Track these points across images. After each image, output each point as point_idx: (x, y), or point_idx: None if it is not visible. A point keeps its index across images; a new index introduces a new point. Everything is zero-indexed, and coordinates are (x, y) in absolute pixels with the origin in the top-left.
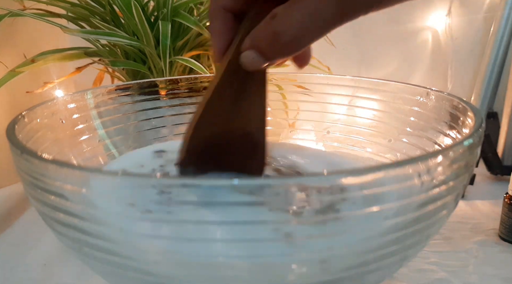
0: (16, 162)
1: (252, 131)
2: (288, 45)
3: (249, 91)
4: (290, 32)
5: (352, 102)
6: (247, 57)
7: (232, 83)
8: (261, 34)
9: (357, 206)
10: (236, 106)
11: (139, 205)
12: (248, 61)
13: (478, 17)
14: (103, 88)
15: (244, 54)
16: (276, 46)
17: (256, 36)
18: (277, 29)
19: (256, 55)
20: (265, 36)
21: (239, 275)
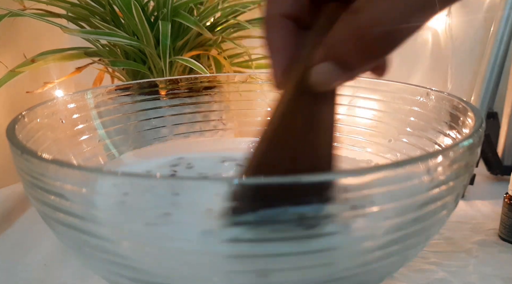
0: (16, 162)
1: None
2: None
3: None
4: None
5: (352, 102)
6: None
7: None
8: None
9: (357, 206)
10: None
11: (139, 205)
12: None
13: (478, 17)
14: (103, 88)
15: (317, 68)
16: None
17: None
18: (362, 24)
19: (334, 66)
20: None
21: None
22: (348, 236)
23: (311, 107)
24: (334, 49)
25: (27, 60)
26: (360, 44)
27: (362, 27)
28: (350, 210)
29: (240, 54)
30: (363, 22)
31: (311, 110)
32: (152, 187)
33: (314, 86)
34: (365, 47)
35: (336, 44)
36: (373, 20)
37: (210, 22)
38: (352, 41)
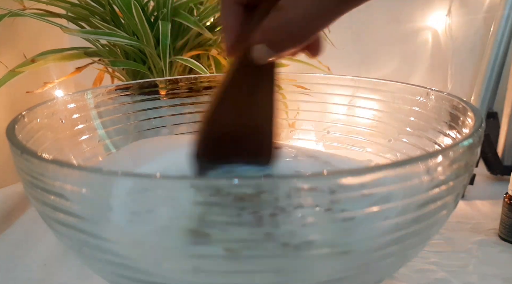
0: (16, 162)
1: (262, 124)
2: (296, 35)
3: (260, 85)
4: (296, 22)
5: (352, 102)
6: (258, 51)
7: (245, 77)
8: (269, 27)
9: (357, 206)
10: (248, 100)
11: (139, 205)
12: (259, 55)
13: (478, 17)
14: (103, 88)
15: (255, 47)
16: (284, 37)
17: (265, 29)
18: (284, 20)
19: (266, 47)
20: (273, 28)
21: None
22: (349, 235)
23: (254, 75)
24: (265, 35)
25: (27, 60)
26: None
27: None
28: (350, 210)
29: None
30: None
31: (253, 77)
32: (152, 187)
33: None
34: (286, 36)
35: (266, 32)
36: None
37: (210, 22)
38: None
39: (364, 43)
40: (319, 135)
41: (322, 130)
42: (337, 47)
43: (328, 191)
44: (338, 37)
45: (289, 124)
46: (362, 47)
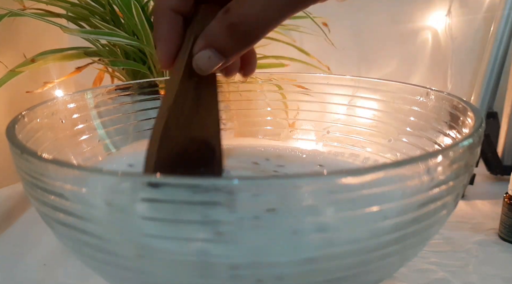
0: (16, 162)
1: (209, 137)
2: (246, 35)
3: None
4: (247, 21)
5: (352, 102)
6: (202, 59)
7: (189, 90)
8: (216, 30)
9: (357, 206)
10: (194, 114)
11: (139, 205)
12: (204, 63)
13: (478, 17)
14: (103, 88)
15: (198, 55)
16: (234, 39)
17: (211, 33)
18: (233, 20)
19: (213, 53)
20: (221, 31)
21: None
22: (349, 235)
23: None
24: (212, 39)
25: (27, 60)
26: (232, 35)
27: (232, 23)
28: (350, 210)
29: None
30: (232, 19)
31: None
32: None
33: (198, 70)
34: (236, 37)
35: (213, 35)
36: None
37: None
38: (224, 33)
39: (364, 43)
40: (319, 135)
41: (322, 130)
42: (337, 47)
43: (328, 191)
44: (338, 37)
45: (289, 124)
46: (362, 47)
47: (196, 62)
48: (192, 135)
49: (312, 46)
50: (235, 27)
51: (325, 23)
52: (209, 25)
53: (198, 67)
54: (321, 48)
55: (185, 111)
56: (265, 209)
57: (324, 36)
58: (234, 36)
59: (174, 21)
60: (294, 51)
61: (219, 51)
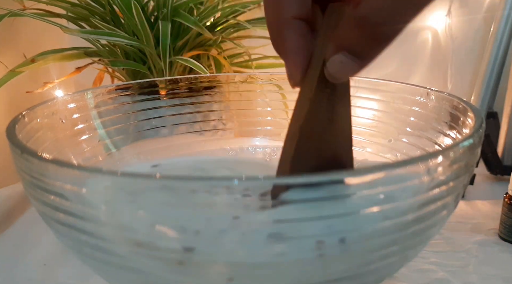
0: (16, 162)
1: (341, 155)
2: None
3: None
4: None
5: (352, 102)
6: (334, 64)
7: (322, 105)
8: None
9: (357, 206)
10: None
11: (139, 205)
12: (337, 68)
13: (478, 17)
14: (103, 88)
15: (331, 61)
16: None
17: (341, 35)
18: (365, 13)
19: (345, 57)
20: (352, 29)
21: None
22: (349, 235)
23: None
24: (344, 40)
25: (27, 60)
26: (365, 33)
27: (365, 17)
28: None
29: (240, 54)
30: (364, 12)
31: (330, 104)
32: (151, 187)
33: (331, 78)
34: (371, 35)
35: (345, 36)
36: (374, 9)
37: (210, 22)
38: (357, 32)
39: None
40: None
41: None
42: None
43: (327, 191)
44: None
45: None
46: None
47: (328, 69)
48: (323, 155)
49: None
50: (368, 21)
51: None
52: (339, 27)
53: (331, 75)
54: None
55: (317, 129)
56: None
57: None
58: (367, 33)
59: (302, 30)
60: None
61: (353, 53)
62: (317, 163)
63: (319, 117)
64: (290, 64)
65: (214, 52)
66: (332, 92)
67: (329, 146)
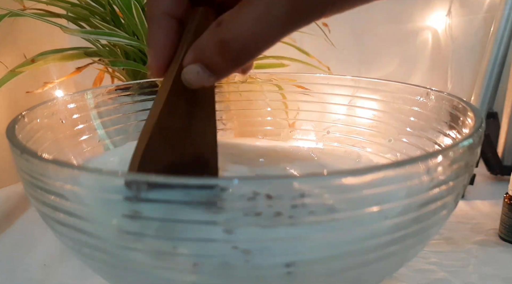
0: (16, 162)
1: (203, 153)
2: (238, 54)
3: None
4: (240, 39)
5: (352, 102)
6: (191, 73)
7: (180, 103)
8: (206, 45)
9: (357, 206)
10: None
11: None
12: (193, 78)
13: (478, 17)
14: (103, 88)
15: (187, 69)
16: (225, 57)
17: (201, 48)
18: (225, 37)
19: (202, 69)
20: (211, 47)
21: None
22: (349, 235)
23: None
24: (201, 54)
25: (27, 60)
26: (222, 54)
27: (224, 40)
28: (350, 210)
29: None
30: (224, 35)
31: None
32: None
33: (186, 84)
34: (227, 56)
35: (202, 50)
36: (233, 34)
37: None
38: (215, 50)
39: (364, 43)
40: (319, 135)
41: (322, 130)
42: (337, 47)
43: (327, 191)
44: (338, 37)
45: (289, 124)
46: (362, 47)
47: (185, 76)
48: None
49: (312, 46)
50: (226, 44)
51: (325, 23)
52: (200, 38)
53: (187, 82)
54: (321, 48)
55: (174, 126)
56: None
57: (324, 36)
58: (224, 54)
59: (168, 26)
60: (294, 51)
61: (209, 68)
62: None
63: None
64: (149, 57)
65: None
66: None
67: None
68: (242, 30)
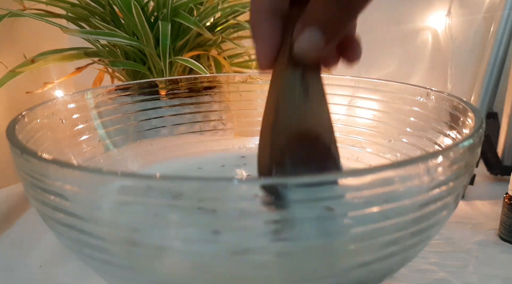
0: (16, 162)
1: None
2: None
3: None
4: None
5: (352, 102)
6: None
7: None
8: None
9: (357, 206)
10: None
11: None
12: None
13: (478, 17)
14: (103, 88)
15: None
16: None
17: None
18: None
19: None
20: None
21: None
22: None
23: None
24: (312, 15)
25: (27, 60)
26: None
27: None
28: (350, 210)
29: (240, 54)
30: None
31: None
32: (152, 187)
33: (299, 57)
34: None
35: (312, 11)
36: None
37: (210, 22)
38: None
39: (364, 43)
40: None
41: None
42: None
43: (327, 191)
44: None
45: None
46: (362, 47)
47: (296, 48)
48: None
49: None
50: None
51: None
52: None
53: (298, 53)
54: None
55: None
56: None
57: None
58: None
59: (273, 21)
60: None
61: (321, 28)
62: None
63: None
64: (257, 49)
65: (214, 52)
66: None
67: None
68: None
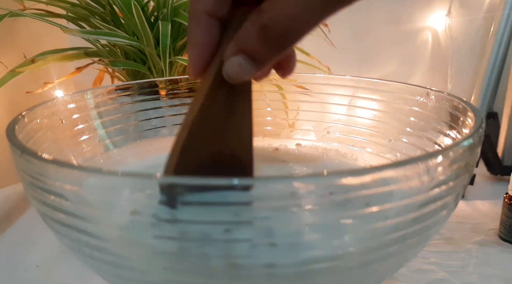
0: (16, 162)
1: (240, 150)
2: (280, 38)
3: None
4: (281, 22)
5: (352, 102)
6: (233, 65)
7: (218, 100)
8: (247, 32)
9: (357, 206)
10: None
11: (140, 206)
12: (235, 70)
13: (478, 17)
14: (103, 88)
15: (229, 62)
16: (266, 42)
17: (242, 37)
18: (265, 22)
19: (244, 60)
20: (253, 33)
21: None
22: (349, 235)
23: (228, 97)
24: (243, 43)
25: (27, 60)
26: (264, 39)
27: (264, 25)
28: (350, 210)
29: None
30: (264, 20)
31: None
32: (152, 187)
33: (228, 78)
34: (269, 41)
35: (244, 40)
36: (273, 18)
37: None
38: (256, 37)
39: (364, 43)
40: (319, 135)
41: (322, 130)
42: (337, 47)
43: (328, 191)
44: (338, 37)
45: (289, 124)
46: (362, 47)
47: (226, 69)
48: (220, 150)
49: (312, 46)
50: (267, 30)
51: (325, 23)
52: (241, 28)
53: (228, 75)
54: (321, 48)
55: (212, 123)
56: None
57: (324, 36)
58: (266, 40)
59: (209, 26)
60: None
61: (251, 57)
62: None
63: (213, 113)
64: (189, 56)
65: None
66: (231, 89)
67: (225, 142)
68: (282, 14)
